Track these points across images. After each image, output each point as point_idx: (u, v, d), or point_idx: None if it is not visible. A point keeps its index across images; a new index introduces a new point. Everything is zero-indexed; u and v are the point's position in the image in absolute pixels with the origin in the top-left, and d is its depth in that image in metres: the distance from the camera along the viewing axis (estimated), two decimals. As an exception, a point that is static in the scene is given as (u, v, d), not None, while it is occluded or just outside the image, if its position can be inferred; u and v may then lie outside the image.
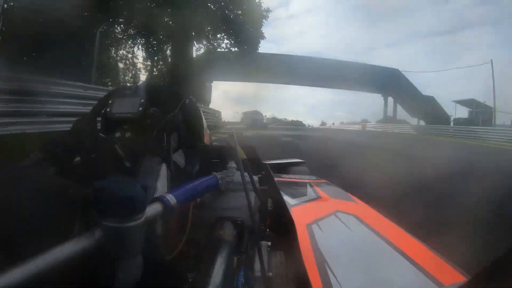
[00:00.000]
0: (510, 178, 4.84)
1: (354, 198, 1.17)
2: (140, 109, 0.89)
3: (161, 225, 0.55)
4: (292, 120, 37.07)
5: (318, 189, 1.25)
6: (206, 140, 1.06)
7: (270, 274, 0.64)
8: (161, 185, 0.66)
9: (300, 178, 1.51)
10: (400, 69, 29.13)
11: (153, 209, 0.47)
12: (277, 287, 0.63)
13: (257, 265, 0.66)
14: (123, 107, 0.92)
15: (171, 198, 0.51)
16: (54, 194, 0.42)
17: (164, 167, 0.72)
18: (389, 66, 30.34)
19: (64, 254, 0.34)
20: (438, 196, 3.31)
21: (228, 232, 0.68)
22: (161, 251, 0.56)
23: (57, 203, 0.41)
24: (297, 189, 1.22)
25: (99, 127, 0.94)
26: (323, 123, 42.05)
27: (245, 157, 0.82)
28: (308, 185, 1.30)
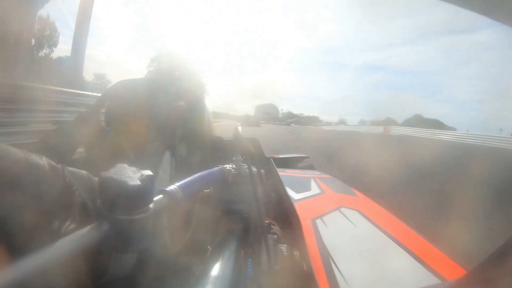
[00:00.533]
0: None
1: (358, 193, 1.18)
2: (145, 101, 0.89)
3: (167, 217, 0.55)
4: (308, 115, 35.43)
5: (322, 184, 1.25)
6: (212, 132, 1.07)
7: (277, 267, 0.65)
8: (163, 172, 0.66)
9: (304, 173, 1.52)
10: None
11: (160, 201, 0.46)
12: (284, 280, 0.64)
13: (263, 258, 0.67)
14: (127, 100, 0.92)
15: (177, 191, 0.51)
16: (50, 174, 0.41)
17: (167, 155, 0.72)
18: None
19: (71, 246, 0.33)
20: None
21: (234, 225, 0.68)
22: (168, 244, 0.56)
23: (54, 184, 0.41)
24: (301, 184, 1.22)
25: (102, 119, 0.94)
26: (342, 121, 39.10)
27: (253, 150, 0.82)
28: (312, 179, 1.30)
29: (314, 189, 1.17)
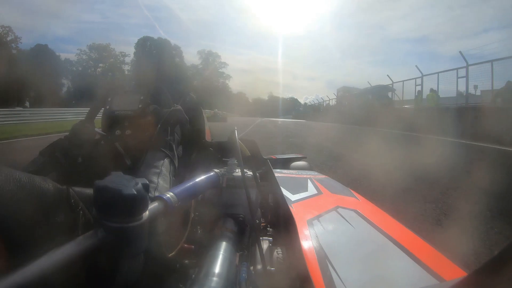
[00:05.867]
0: None
1: (355, 193, 1.17)
2: (140, 106, 0.90)
3: (163, 222, 0.55)
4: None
5: (319, 185, 1.24)
6: (207, 136, 1.06)
7: (272, 269, 0.64)
8: (162, 180, 0.66)
9: (301, 174, 1.51)
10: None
11: (155, 208, 0.47)
12: (279, 282, 0.64)
13: (259, 261, 0.67)
14: (123, 104, 0.92)
15: (172, 197, 0.51)
16: (55, 197, 0.42)
17: (166, 162, 0.72)
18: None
19: (67, 254, 0.34)
20: None
21: (230, 228, 0.68)
22: (163, 248, 0.56)
23: (58, 206, 0.41)
24: (297, 185, 1.22)
25: (99, 125, 0.94)
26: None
27: (248, 153, 0.82)
28: (308, 180, 1.30)
29: (311, 190, 1.16)
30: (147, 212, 0.42)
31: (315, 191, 1.17)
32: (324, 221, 0.85)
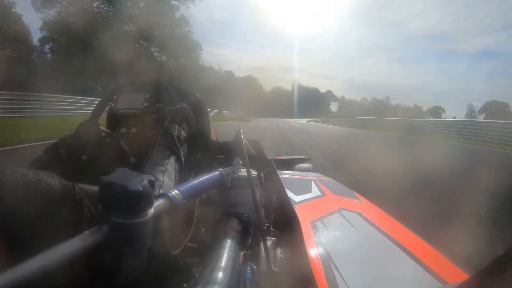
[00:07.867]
0: None
1: (359, 196, 1.17)
2: (146, 104, 0.90)
3: (167, 220, 0.55)
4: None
5: (322, 186, 1.24)
6: (213, 135, 1.07)
7: (276, 269, 0.65)
8: (167, 178, 0.67)
9: (305, 175, 1.51)
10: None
11: (160, 204, 0.47)
12: (283, 282, 0.64)
13: (262, 260, 0.67)
14: (128, 103, 0.93)
15: (177, 194, 0.52)
16: (61, 193, 0.42)
17: (172, 159, 0.73)
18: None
19: (71, 248, 0.34)
20: None
21: (234, 227, 0.69)
22: (167, 246, 0.56)
23: (64, 202, 0.42)
24: (301, 186, 1.22)
25: (104, 123, 0.95)
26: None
27: (254, 152, 0.82)
28: (312, 182, 1.30)
29: (315, 192, 1.16)
30: (152, 209, 0.42)
31: (318, 193, 1.16)
32: (328, 223, 0.85)
